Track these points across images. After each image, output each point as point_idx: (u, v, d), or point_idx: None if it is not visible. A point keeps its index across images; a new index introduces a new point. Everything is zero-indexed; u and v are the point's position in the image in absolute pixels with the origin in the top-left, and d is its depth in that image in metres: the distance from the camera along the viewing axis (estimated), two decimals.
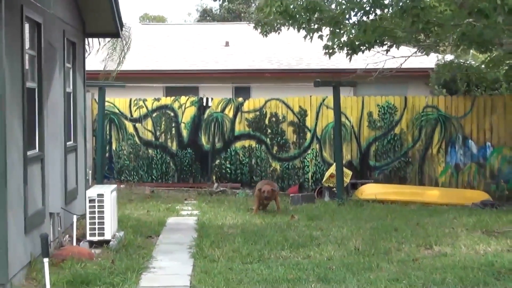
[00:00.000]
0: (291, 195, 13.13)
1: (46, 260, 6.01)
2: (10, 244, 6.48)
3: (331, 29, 12.41)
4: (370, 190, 13.83)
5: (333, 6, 12.97)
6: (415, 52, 14.60)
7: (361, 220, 11.09)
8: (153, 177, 15.86)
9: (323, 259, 8.24)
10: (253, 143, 15.57)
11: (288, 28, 14.23)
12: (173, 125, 15.83)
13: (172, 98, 16.09)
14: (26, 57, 7.57)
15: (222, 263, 7.98)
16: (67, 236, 9.42)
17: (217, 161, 15.66)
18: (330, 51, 13.13)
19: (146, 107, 15.83)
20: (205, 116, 15.72)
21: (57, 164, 9.22)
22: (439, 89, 16.73)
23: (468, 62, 15.73)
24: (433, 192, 14.17)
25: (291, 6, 11.95)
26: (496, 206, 12.89)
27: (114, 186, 10.07)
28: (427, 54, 14.88)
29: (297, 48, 18.41)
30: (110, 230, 9.16)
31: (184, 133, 15.80)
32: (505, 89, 15.75)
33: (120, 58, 16.47)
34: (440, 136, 15.05)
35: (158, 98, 16.15)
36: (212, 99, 15.84)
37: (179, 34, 24.00)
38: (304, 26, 12.40)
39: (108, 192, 9.17)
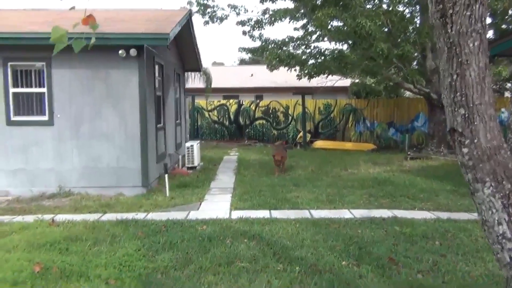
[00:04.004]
0: None
1: (166, 175, 7.45)
2: (150, 168, 7.75)
3: (300, 66, 15.47)
4: (319, 144, 17.15)
5: (300, 53, 15.63)
6: (341, 78, 17.57)
7: (314, 157, 13.09)
8: (217, 137, 19.63)
9: (295, 175, 9.70)
10: (263, 122, 19.48)
11: (280, 67, 16.16)
12: (226, 113, 19.62)
13: (226, 100, 20.17)
14: (156, 81, 8.71)
15: (248, 177, 9.53)
16: (176, 165, 10.66)
17: (247, 130, 19.56)
18: (300, 77, 16.00)
19: (214, 105, 19.88)
20: (241, 109, 19.52)
21: (171, 131, 10.17)
22: (352, 95, 20.71)
23: (365, 82, 19.08)
24: (348, 144, 17.45)
25: (281, 55, 14.92)
26: (377, 151, 15.66)
27: (198, 141, 11.37)
28: (346, 78, 17.71)
29: (285, 76, 20.54)
30: (196, 161, 10.59)
31: (232, 116, 19.62)
32: (384, 96, 20.01)
33: (209, 82, 19.89)
34: (352, 118, 18.87)
35: (219, 100, 20.25)
36: (244, 100, 19.72)
37: (230, 70, 29.31)
38: (287, 64, 15.20)
39: (195, 144, 10.60)
